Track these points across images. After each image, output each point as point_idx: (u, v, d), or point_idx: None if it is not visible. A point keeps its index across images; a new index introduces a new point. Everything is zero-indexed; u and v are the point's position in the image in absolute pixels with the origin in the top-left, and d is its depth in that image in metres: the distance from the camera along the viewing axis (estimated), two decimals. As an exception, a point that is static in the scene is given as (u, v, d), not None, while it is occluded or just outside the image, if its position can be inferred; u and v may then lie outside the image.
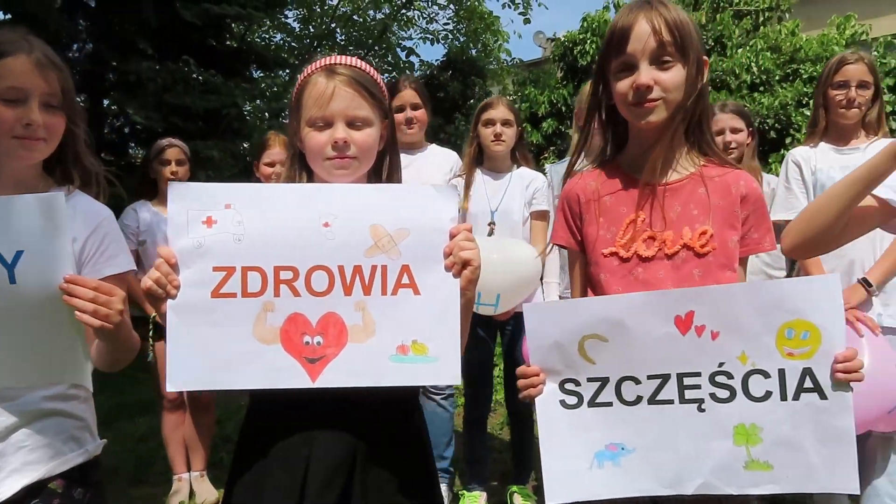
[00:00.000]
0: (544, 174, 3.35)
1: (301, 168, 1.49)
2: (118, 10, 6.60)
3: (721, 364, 1.31)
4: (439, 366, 1.31)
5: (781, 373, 1.30)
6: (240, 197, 1.28)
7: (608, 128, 1.61)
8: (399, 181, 1.57)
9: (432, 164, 3.27)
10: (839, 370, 1.29)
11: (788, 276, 3.14)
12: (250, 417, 1.46)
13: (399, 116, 3.15)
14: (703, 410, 1.32)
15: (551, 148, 7.37)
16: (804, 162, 2.95)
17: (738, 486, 1.32)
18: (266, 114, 8.91)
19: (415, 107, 3.20)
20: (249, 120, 8.79)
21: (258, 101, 8.74)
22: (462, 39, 12.82)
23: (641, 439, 1.35)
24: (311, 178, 1.48)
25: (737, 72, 6.61)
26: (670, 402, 1.33)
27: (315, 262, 1.29)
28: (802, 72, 6.79)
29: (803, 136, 6.53)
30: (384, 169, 1.54)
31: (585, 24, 7.30)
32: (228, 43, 9.42)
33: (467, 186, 3.14)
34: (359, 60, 1.49)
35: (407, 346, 1.31)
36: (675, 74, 1.45)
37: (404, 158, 3.25)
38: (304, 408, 1.34)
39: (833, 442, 1.30)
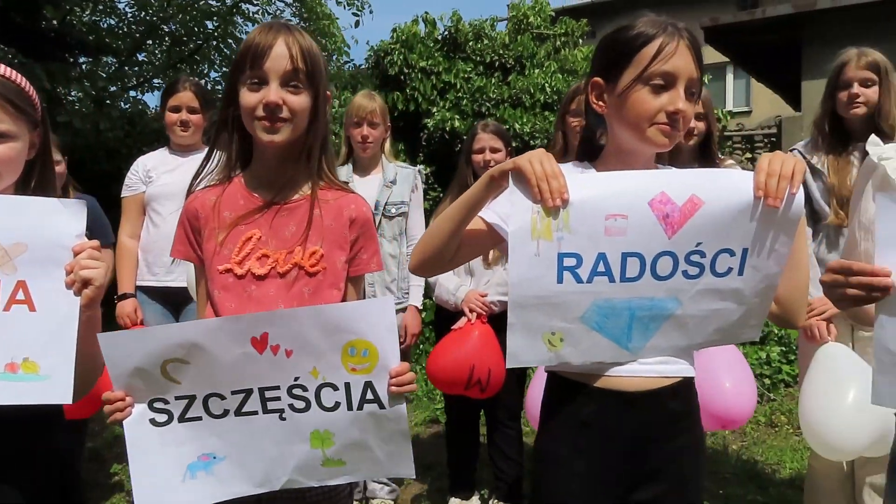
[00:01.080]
0: None
1: None
2: None
3: (297, 378, 1.41)
4: (49, 385, 1.32)
5: (347, 386, 1.42)
6: None
7: (233, 141, 1.63)
8: (53, 193, 1.51)
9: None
10: (392, 384, 1.42)
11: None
12: None
13: (173, 117, 3.28)
14: (283, 419, 1.44)
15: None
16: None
17: (318, 480, 1.49)
18: (92, 103, 8.62)
19: (191, 110, 3.30)
20: (66, 107, 8.49)
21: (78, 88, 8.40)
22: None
23: (231, 448, 1.46)
24: None
25: (532, 91, 7.22)
26: (254, 413, 1.43)
27: None
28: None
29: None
30: (33, 179, 1.51)
31: (395, 35, 7.68)
32: (45, 24, 9.03)
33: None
34: (5, 68, 1.44)
35: (17, 364, 1.31)
36: (303, 100, 1.53)
37: (175, 160, 3.46)
38: None
39: (393, 441, 1.47)
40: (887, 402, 1.31)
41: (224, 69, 12.79)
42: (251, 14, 13.31)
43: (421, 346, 5.70)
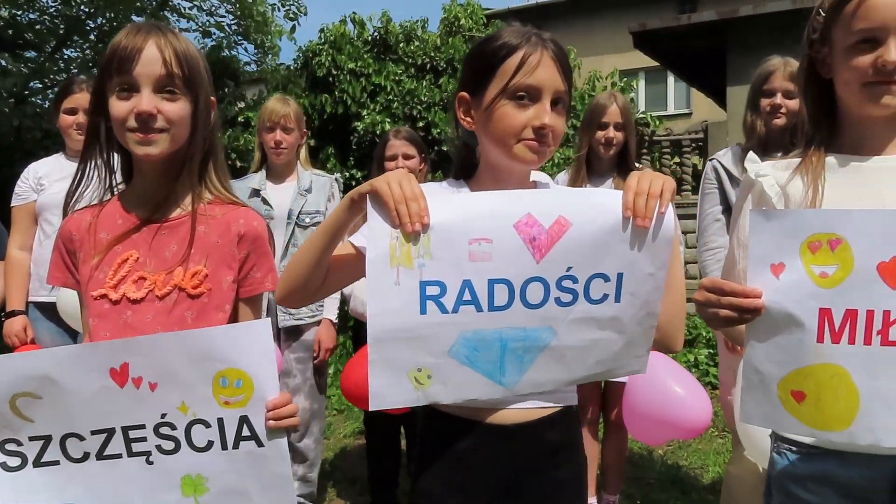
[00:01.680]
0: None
1: None
2: None
3: (164, 415, 1.29)
4: None
5: (221, 422, 1.30)
6: None
7: (109, 156, 1.52)
8: None
9: None
10: (269, 417, 1.30)
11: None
12: None
13: (69, 119, 3.09)
14: (151, 463, 1.31)
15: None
16: None
17: None
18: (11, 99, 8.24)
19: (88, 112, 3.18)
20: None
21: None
22: (220, 36, 12.52)
23: (93, 498, 1.32)
24: None
25: (463, 94, 7.17)
26: (118, 455, 1.30)
27: None
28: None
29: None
30: None
31: (323, 36, 7.55)
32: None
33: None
34: None
35: None
36: (181, 108, 1.43)
37: (71, 166, 3.24)
38: None
39: (275, 487, 1.34)
40: (754, 420, 1.29)
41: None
42: (184, 10, 12.96)
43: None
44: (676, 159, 9.13)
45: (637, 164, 3.33)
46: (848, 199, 1.38)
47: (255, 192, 3.27)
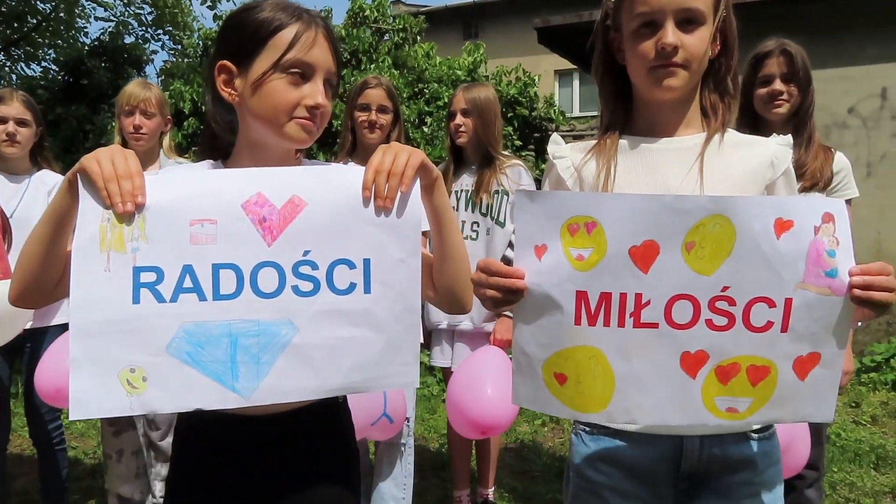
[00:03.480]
0: None
1: None
2: None
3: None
4: None
5: None
6: None
7: None
8: None
9: None
10: None
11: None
12: None
13: None
14: None
15: (193, 148, 7.31)
16: None
17: None
18: None
19: (21, 122, 3.04)
20: None
21: None
22: (114, 23, 12.09)
23: None
24: None
25: (366, 86, 7.08)
26: None
27: None
28: (427, 91, 7.51)
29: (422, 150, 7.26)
30: None
31: (220, 23, 7.35)
32: None
33: None
34: None
35: None
36: None
37: (6, 186, 3.08)
38: None
39: None
40: (524, 402, 1.28)
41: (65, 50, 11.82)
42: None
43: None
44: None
45: (505, 153, 3.33)
46: (636, 180, 1.41)
47: None
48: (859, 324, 1.21)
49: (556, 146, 1.50)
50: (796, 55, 2.58)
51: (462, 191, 3.26)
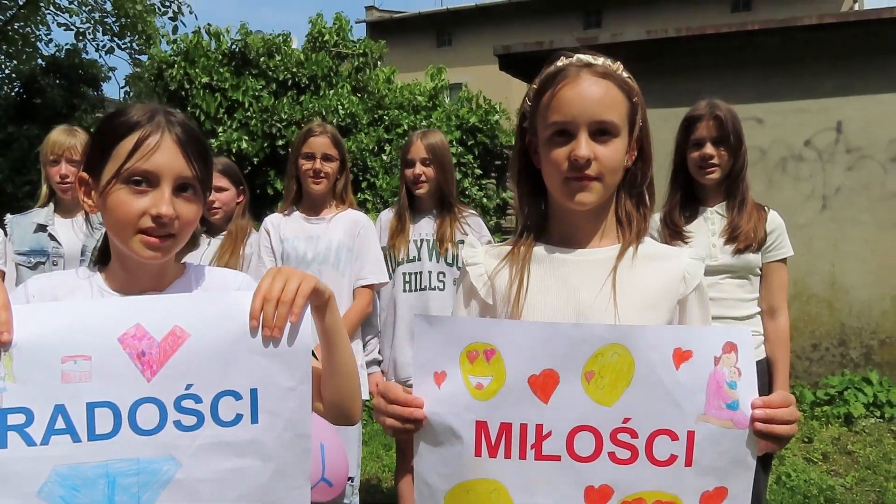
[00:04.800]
0: None
1: None
2: None
3: None
4: None
5: None
6: None
7: None
8: None
9: None
10: None
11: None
12: None
13: None
14: None
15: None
16: (273, 229, 3.12)
17: None
18: None
19: None
20: None
21: None
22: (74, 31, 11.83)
23: None
24: None
25: (325, 113, 7.01)
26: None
27: None
28: (387, 118, 7.44)
29: (381, 180, 7.21)
30: None
31: (175, 47, 7.24)
32: None
33: None
34: None
35: None
36: None
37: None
38: None
39: None
40: None
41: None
42: (58, 3, 12.19)
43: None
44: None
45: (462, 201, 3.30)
46: (549, 292, 1.37)
47: (42, 228, 3.04)
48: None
49: (471, 250, 1.46)
50: (726, 119, 2.56)
51: (423, 240, 3.21)
